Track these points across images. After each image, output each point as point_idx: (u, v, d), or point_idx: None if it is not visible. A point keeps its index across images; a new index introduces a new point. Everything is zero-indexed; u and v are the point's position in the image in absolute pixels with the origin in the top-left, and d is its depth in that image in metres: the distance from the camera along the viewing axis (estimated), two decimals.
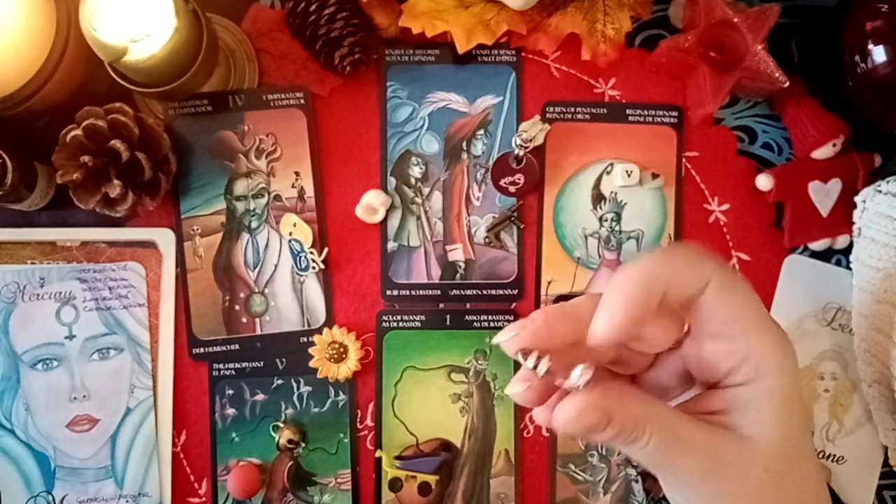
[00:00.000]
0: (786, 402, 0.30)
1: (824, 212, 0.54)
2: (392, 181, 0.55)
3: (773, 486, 0.30)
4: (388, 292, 0.55)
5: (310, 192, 0.55)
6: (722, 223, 0.56)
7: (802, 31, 0.56)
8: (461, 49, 0.53)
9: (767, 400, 0.29)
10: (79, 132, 0.49)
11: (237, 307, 0.55)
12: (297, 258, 0.55)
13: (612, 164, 0.55)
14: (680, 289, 0.29)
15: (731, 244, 0.56)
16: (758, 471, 0.29)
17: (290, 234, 0.54)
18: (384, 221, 0.55)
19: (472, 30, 0.53)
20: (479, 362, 0.55)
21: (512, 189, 0.55)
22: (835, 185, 0.54)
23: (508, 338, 0.30)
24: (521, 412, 0.55)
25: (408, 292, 0.55)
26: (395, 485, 0.54)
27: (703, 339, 0.31)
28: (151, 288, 0.54)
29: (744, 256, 0.55)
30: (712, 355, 0.31)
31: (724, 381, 0.31)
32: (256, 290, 0.55)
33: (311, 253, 0.54)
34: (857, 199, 0.53)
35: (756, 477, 0.29)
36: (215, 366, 0.55)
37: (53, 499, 0.53)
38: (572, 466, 0.55)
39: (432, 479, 0.54)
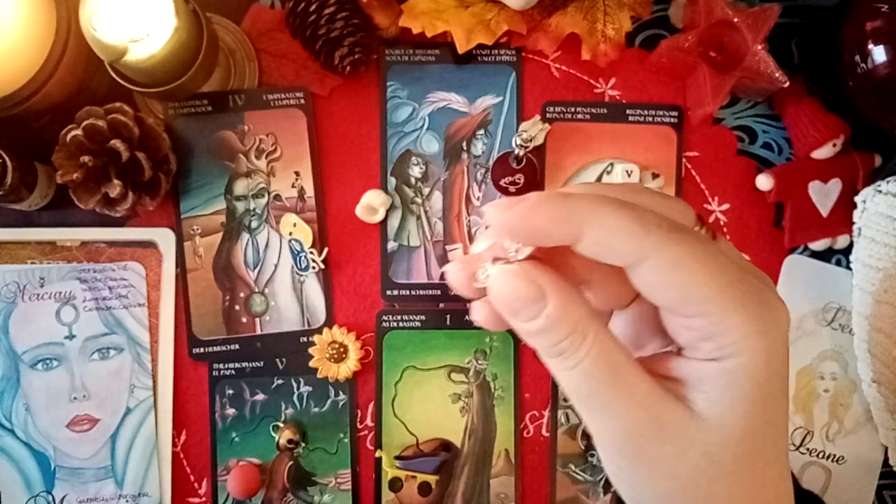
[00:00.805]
0: (754, 387, 0.25)
1: (824, 212, 0.54)
2: (392, 181, 0.55)
3: (710, 476, 0.25)
4: (388, 292, 0.55)
5: (310, 192, 0.55)
6: (722, 223, 0.56)
7: (802, 31, 0.56)
8: (461, 49, 0.53)
9: (728, 380, 0.25)
10: (79, 132, 0.49)
11: (237, 307, 0.55)
12: (297, 258, 0.55)
13: (612, 164, 0.56)
14: (596, 250, 0.24)
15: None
16: (696, 453, 0.25)
17: (290, 234, 0.54)
18: (384, 221, 0.55)
19: (472, 30, 0.53)
20: (479, 362, 0.55)
21: (512, 189, 0.55)
22: (835, 185, 0.54)
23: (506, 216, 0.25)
24: (521, 412, 0.55)
25: (408, 292, 0.55)
26: (395, 485, 0.54)
27: (661, 309, 0.26)
28: (151, 288, 0.54)
29: (744, 256, 0.55)
30: (669, 324, 0.26)
31: (685, 352, 0.26)
32: (256, 290, 0.55)
33: (311, 253, 0.54)
34: (857, 199, 0.53)
35: (692, 459, 0.25)
36: (215, 366, 0.55)
37: (53, 499, 0.53)
38: (572, 466, 0.55)
39: (432, 479, 0.54)
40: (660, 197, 0.27)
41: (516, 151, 0.53)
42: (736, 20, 0.51)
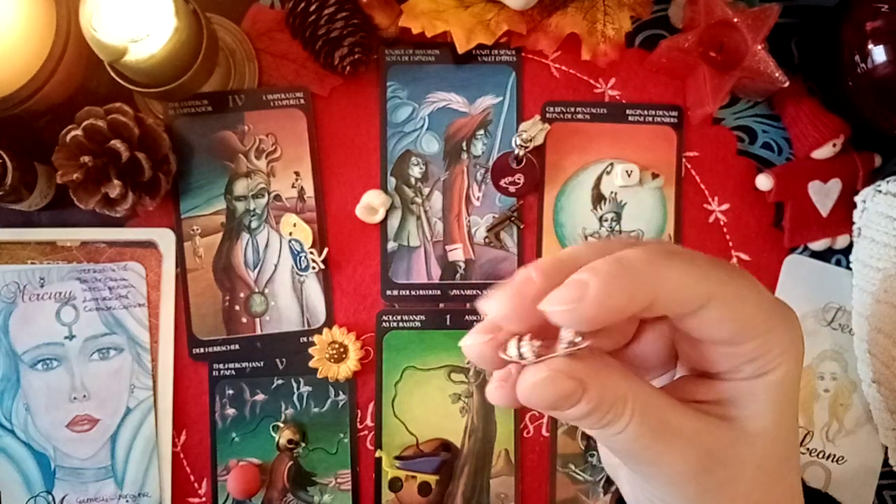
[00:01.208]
0: (787, 392, 0.26)
1: (824, 212, 0.54)
2: (392, 181, 0.55)
3: (765, 487, 0.26)
4: (388, 292, 0.55)
5: (310, 192, 0.55)
6: (722, 223, 0.56)
7: (802, 31, 0.56)
8: (461, 49, 0.53)
9: (770, 393, 0.26)
10: (79, 132, 0.49)
11: (237, 307, 0.55)
12: (297, 258, 0.55)
13: (612, 164, 0.56)
14: (669, 307, 0.24)
15: (731, 244, 0.56)
16: (751, 469, 0.26)
17: (290, 234, 0.54)
18: (384, 221, 0.55)
19: (472, 30, 0.53)
20: None
21: (512, 189, 0.55)
22: (835, 185, 0.54)
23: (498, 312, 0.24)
24: (521, 412, 0.55)
25: (408, 292, 0.55)
26: (395, 485, 0.54)
27: (701, 343, 0.26)
28: (151, 288, 0.54)
29: (744, 256, 0.55)
30: (712, 355, 0.26)
31: (722, 375, 0.27)
32: (256, 290, 0.55)
33: (311, 253, 0.54)
34: (857, 199, 0.53)
35: (748, 476, 0.26)
36: (215, 366, 0.55)
37: (53, 499, 0.53)
38: (572, 466, 0.55)
39: (432, 479, 0.54)
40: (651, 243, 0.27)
41: (516, 151, 0.53)
42: (736, 20, 0.51)
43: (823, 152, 0.54)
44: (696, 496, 0.26)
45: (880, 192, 0.51)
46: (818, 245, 0.55)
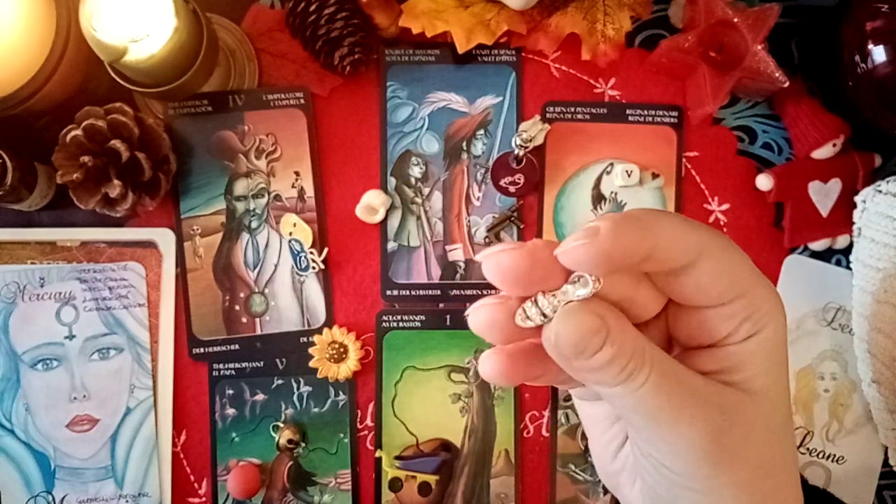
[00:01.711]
0: (779, 349, 0.27)
1: (824, 212, 0.54)
2: (392, 181, 0.55)
3: (773, 446, 0.27)
4: (388, 292, 0.55)
5: (310, 192, 0.55)
6: (722, 223, 0.56)
7: (802, 31, 0.56)
8: (461, 49, 0.53)
9: (765, 350, 0.27)
10: (79, 132, 0.49)
11: (237, 307, 0.55)
12: (297, 258, 0.55)
13: (612, 164, 0.56)
14: (669, 253, 0.25)
15: None
16: (760, 428, 0.27)
17: (290, 234, 0.54)
18: (384, 221, 0.55)
19: (472, 30, 0.53)
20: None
21: (512, 189, 0.55)
22: (835, 185, 0.54)
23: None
24: (521, 412, 0.55)
25: (408, 292, 0.55)
26: (395, 485, 0.54)
27: (698, 311, 0.27)
28: (151, 288, 0.54)
29: None
30: (709, 321, 0.27)
31: (722, 342, 0.27)
32: (256, 290, 0.55)
33: (311, 253, 0.54)
34: (857, 199, 0.53)
35: (758, 436, 0.27)
36: (215, 366, 0.55)
37: (53, 499, 0.53)
38: (572, 466, 0.55)
39: (432, 479, 0.54)
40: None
41: (516, 151, 0.53)
42: (736, 20, 0.51)
43: (823, 152, 0.54)
44: (717, 461, 0.26)
45: (880, 192, 0.51)
46: (818, 245, 0.55)
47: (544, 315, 0.25)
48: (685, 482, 0.27)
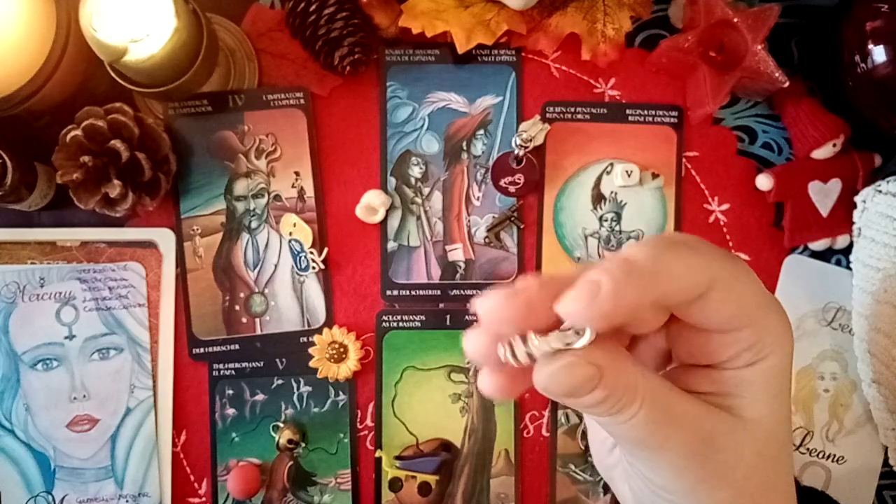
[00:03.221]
0: (780, 379, 0.27)
1: (824, 212, 0.54)
2: (392, 181, 0.55)
3: (763, 473, 0.27)
4: (388, 292, 0.55)
5: (310, 192, 0.55)
6: (722, 223, 0.56)
7: (802, 31, 0.56)
8: (461, 49, 0.53)
9: (764, 380, 0.27)
10: (79, 132, 0.49)
11: (237, 307, 0.55)
12: (297, 258, 0.55)
13: (612, 164, 0.56)
14: (677, 295, 0.25)
15: (731, 244, 0.56)
16: (750, 454, 0.27)
17: (290, 234, 0.54)
18: (384, 221, 0.55)
19: (472, 30, 0.53)
20: None
21: (512, 189, 0.55)
22: (835, 185, 0.54)
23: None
24: (521, 412, 0.55)
25: (408, 292, 0.55)
26: (395, 485, 0.54)
27: (700, 332, 0.27)
28: (151, 288, 0.54)
29: (744, 256, 0.55)
30: (711, 345, 0.27)
31: (721, 365, 0.27)
32: (256, 290, 0.55)
33: (311, 253, 0.54)
34: (857, 199, 0.53)
35: (747, 462, 0.27)
36: (215, 366, 0.55)
37: (53, 499, 0.53)
38: (572, 466, 0.55)
39: (432, 479, 0.54)
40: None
41: (516, 151, 0.53)
42: (736, 20, 0.51)
43: (823, 152, 0.54)
44: (696, 481, 0.26)
45: (880, 192, 0.51)
46: (818, 245, 0.55)
47: (531, 357, 0.25)
48: (667, 495, 0.28)
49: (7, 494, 0.53)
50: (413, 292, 0.55)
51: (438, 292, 0.55)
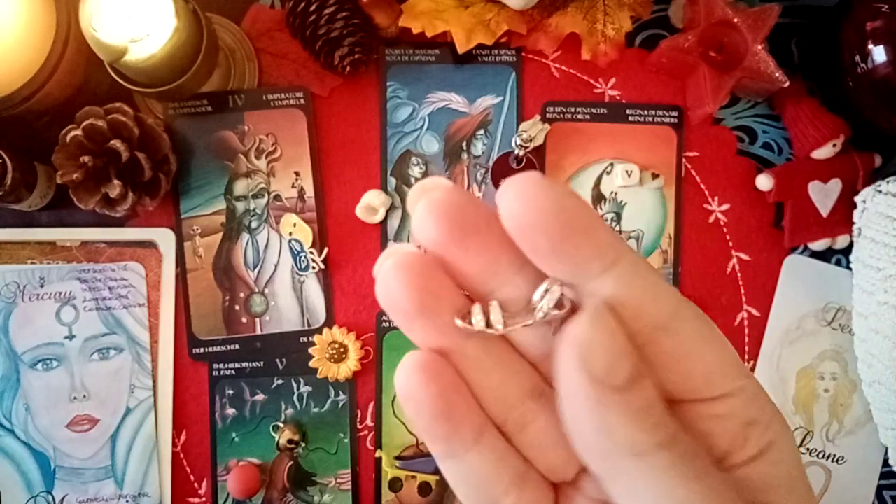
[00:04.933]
0: (802, 475, 0.21)
1: (824, 212, 0.54)
2: (392, 181, 0.55)
3: None
4: None
5: (310, 192, 0.55)
6: (722, 223, 0.56)
7: (802, 31, 0.56)
8: (461, 49, 0.53)
9: (783, 474, 0.20)
10: (79, 132, 0.49)
11: (237, 307, 0.55)
12: (297, 258, 0.55)
13: (612, 164, 0.55)
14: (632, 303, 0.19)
15: (731, 244, 0.56)
16: None
17: (290, 234, 0.54)
18: (384, 221, 0.55)
19: (472, 30, 0.53)
20: None
21: None
22: (835, 185, 0.54)
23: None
24: None
25: None
26: (395, 485, 0.54)
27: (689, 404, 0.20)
28: (151, 288, 0.54)
29: (744, 256, 0.55)
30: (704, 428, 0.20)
31: (726, 460, 0.20)
32: (256, 290, 0.55)
33: (311, 253, 0.54)
34: (857, 199, 0.53)
35: None
36: (215, 366, 0.55)
37: (53, 499, 0.53)
38: None
39: (432, 479, 0.54)
40: None
41: (516, 151, 0.53)
42: (736, 20, 0.51)
43: (823, 152, 0.54)
44: None
45: (880, 192, 0.51)
46: (818, 245, 0.55)
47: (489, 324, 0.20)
48: None
49: (7, 494, 0.53)
50: None
51: None
